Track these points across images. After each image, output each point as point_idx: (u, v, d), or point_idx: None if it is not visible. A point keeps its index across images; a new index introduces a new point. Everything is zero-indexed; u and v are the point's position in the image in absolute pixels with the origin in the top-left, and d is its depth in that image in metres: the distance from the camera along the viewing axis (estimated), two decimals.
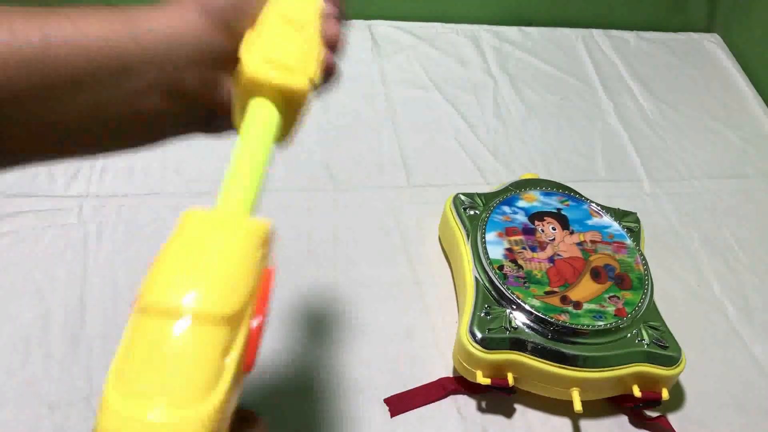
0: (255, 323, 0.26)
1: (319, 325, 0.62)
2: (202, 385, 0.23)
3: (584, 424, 0.59)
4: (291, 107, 0.35)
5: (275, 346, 0.60)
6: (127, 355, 0.24)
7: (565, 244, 0.63)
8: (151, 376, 0.23)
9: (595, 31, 1.02)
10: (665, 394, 0.56)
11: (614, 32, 1.02)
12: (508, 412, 0.59)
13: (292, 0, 0.36)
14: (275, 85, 0.33)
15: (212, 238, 0.27)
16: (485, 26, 0.99)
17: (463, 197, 0.67)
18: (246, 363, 0.25)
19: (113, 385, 0.23)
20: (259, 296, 0.26)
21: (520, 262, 0.61)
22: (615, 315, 0.58)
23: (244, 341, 0.25)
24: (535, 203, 0.66)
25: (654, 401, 0.57)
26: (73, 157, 0.32)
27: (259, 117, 0.33)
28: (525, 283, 0.59)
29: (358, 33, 0.93)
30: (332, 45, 0.38)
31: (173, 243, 0.26)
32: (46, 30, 0.27)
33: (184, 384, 0.23)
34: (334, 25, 0.38)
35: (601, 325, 0.57)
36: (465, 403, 0.59)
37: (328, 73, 0.37)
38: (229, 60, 0.33)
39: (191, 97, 0.33)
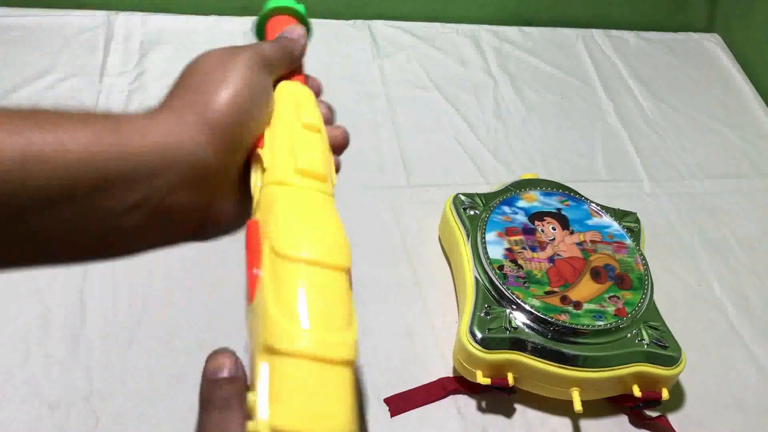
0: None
1: None
2: (347, 314, 0.27)
3: (584, 424, 0.59)
4: None
5: None
6: (283, 291, 0.27)
7: (565, 244, 0.63)
8: (311, 308, 0.27)
9: (595, 31, 1.02)
10: (665, 394, 0.56)
11: (614, 32, 1.02)
12: (508, 412, 0.59)
13: (302, 103, 0.36)
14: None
15: (317, 205, 0.32)
16: (485, 26, 0.99)
17: (463, 197, 0.67)
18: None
19: (278, 312, 0.26)
20: None
21: (520, 262, 0.61)
22: (615, 315, 0.58)
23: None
24: (535, 203, 0.66)
25: (654, 401, 0.57)
26: (50, 266, 0.30)
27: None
28: (525, 283, 0.59)
29: (358, 33, 0.93)
30: (337, 148, 0.37)
31: (285, 203, 0.31)
32: (27, 144, 0.25)
33: (336, 313, 0.27)
34: (336, 128, 0.37)
35: (601, 325, 0.57)
36: (465, 403, 0.58)
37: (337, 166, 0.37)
38: (226, 179, 0.30)
39: (180, 217, 0.29)
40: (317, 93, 0.39)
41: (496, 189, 0.69)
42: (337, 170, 0.38)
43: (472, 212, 0.65)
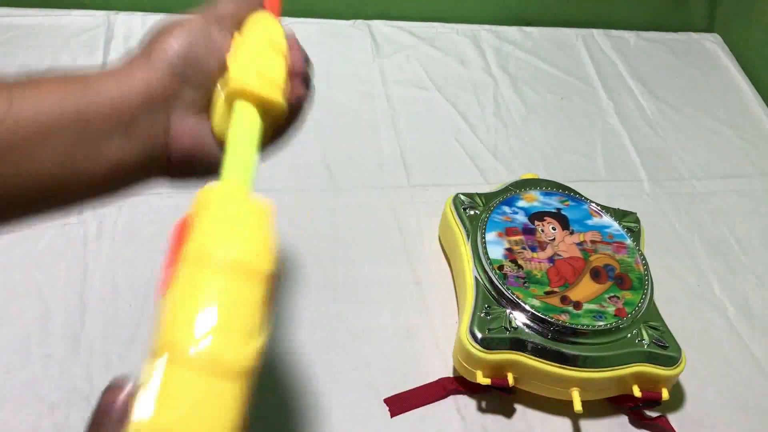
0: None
1: (318, 325, 0.62)
2: (255, 322, 0.27)
3: (584, 424, 0.59)
4: (267, 121, 0.38)
5: (275, 346, 0.60)
6: (189, 294, 0.27)
7: (565, 244, 0.63)
8: (214, 314, 0.26)
9: (595, 31, 1.02)
10: (665, 394, 0.56)
11: (614, 32, 1.02)
12: (508, 412, 0.59)
13: (273, 26, 0.39)
14: (261, 96, 0.36)
15: (239, 210, 0.31)
16: (485, 26, 0.99)
17: (463, 197, 0.67)
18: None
19: (177, 316, 0.26)
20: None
21: (520, 262, 0.61)
22: (615, 315, 0.58)
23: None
24: (535, 203, 0.66)
25: (654, 401, 0.57)
26: (47, 214, 0.35)
27: (247, 115, 0.36)
28: (525, 283, 0.59)
29: (358, 33, 0.93)
30: (299, 76, 0.40)
31: (207, 214, 0.30)
32: (10, 94, 0.31)
33: (240, 320, 0.27)
34: (299, 58, 0.41)
35: (601, 325, 0.57)
36: (465, 403, 0.59)
37: (298, 102, 0.40)
38: (175, 98, 0.36)
39: (145, 137, 0.35)
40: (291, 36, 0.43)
41: (496, 189, 0.69)
42: (301, 100, 0.40)
43: (472, 212, 0.65)
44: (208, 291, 0.27)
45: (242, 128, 0.36)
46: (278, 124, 0.39)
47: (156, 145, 0.36)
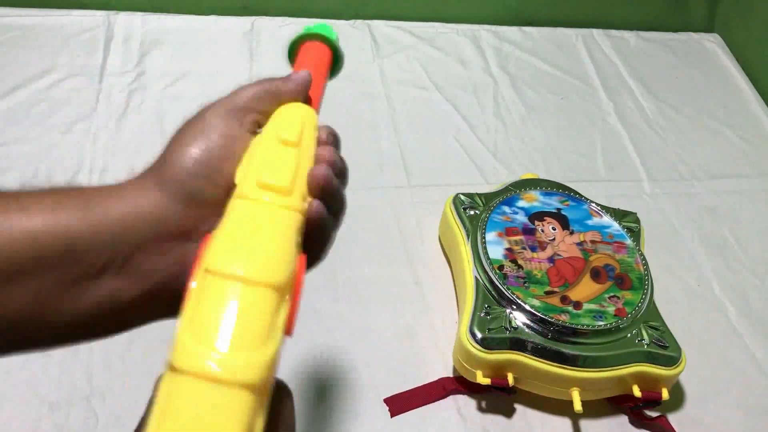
0: (296, 300, 0.29)
1: (318, 326, 0.62)
2: (260, 336, 0.26)
3: (584, 424, 0.59)
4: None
5: None
6: (198, 306, 0.27)
7: (565, 244, 0.63)
8: (217, 324, 0.26)
9: (595, 31, 1.02)
10: (665, 394, 0.56)
11: (614, 32, 1.02)
12: (508, 412, 0.59)
13: (287, 121, 0.36)
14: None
15: (263, 220, 0.31)
16: (485, 26, 0.99)
17: (463, 197, 0.67)
18: (287, 327, 0.28)
19: (185, 328, 0.26)
20: (298, 274, 0.30)
21: (520, 262, 0.61)
22: (615, 315, 0.58)
23: (288, 309, 0.29)
24: (535, 203, 0.66)
25: (654, 401, 0.57)
26: (26, 351, 0.29)
27: None
28: (525, 283, 0.59)
29: (358, 33, 0.94)
30: (324, 163, 0.35)
31: (231, 219, 0.30)
32: None
33: (245, 333, 0.26)
34: (325, 149, 0.36)
35: (601, 325, 0.57)
36: (465, 403, 0.59)
37: (323, 190, 0.34)
38: (194, 231, 0.31)
39: (149, 275, 0.30)
40: (332, 138, 0.39)
41: (496, 189, 0.69)
42: (329, 189, 0.35)
43: (472, 212, 0.65)
44: (215, 302, 0.27)
45: None
46: (306, 234, 0.34)
47: (161, 283, 0.30)
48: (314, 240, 0.34)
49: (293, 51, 0.43)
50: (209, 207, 0.31)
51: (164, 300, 0.31)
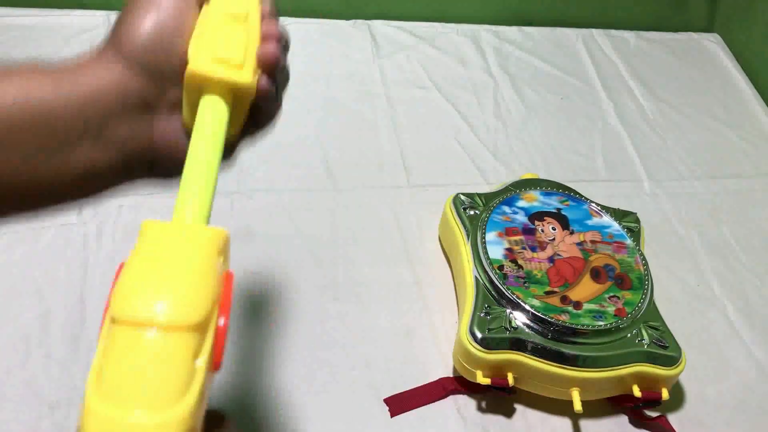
0: (222, 323, 0.27)
1: (318, 325, 0.62)
2: (177, 388, 0.25)
3: (584, 424, 0.59)
4: (240, 102, 0.35)
5: (275, 346, 0.60)
6: (105, 362, 0.25)
7: (565, 244, 0.63)
8: (128, 382, 0.24)
9: (595, 31, 1.02)
10: (665, 394, 0.56)
11: (614, 32, 1.02)
12: (508, 412, 0.59)
13: None
14: (223, 81, 0.33)
15: (174, 249, 0.28)
16: (485, 26, 0.99)
17: (463, 197, 0.67)
18: (214, 363, 0.27)
19: (94, 390, 0.24)
20: (223, 299, 0.28)
21: (520, 262, 0.61)
22: (615, 315, 0.58)
23: (212, 344, 0.27)
24: (535, 203, 0.66)
25: (654, 401, 0.57)
26: (13, 216, 0.32)
27: (209, 116, 0.34)
28: (525, 283, 0.59)
29: (358, 33, 0.93)
30: (272, 39, 0.36)
31: (138, 255, 0.28)
32: None
33: (161, 388, 0.24)
34: (271, 23, 0.37)
35: (601, 325, 0.57)
36: (465, 403, 0.59)
37: (272, 66, 0.35)
38: (157, 103, 0.33)
39: (122, 144, 0.32)
40: (274, 10, 0.39)
41: (496, 189, 0.69)
42: (275, 63, 0.36)
43: (472, 212, 0.65)
44: (121, 358, 0.25)
45: (204, 130, 0.33)
46: (253, 107, 0.36)
47: (135, 151, 0.33)
48: (263, 113, 0.36)
49: None
50: (167, 79, 0.33)
51: (140, 165, 0.34)
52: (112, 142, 0.32)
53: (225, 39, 0.34)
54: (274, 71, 0.36)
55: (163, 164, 0.35)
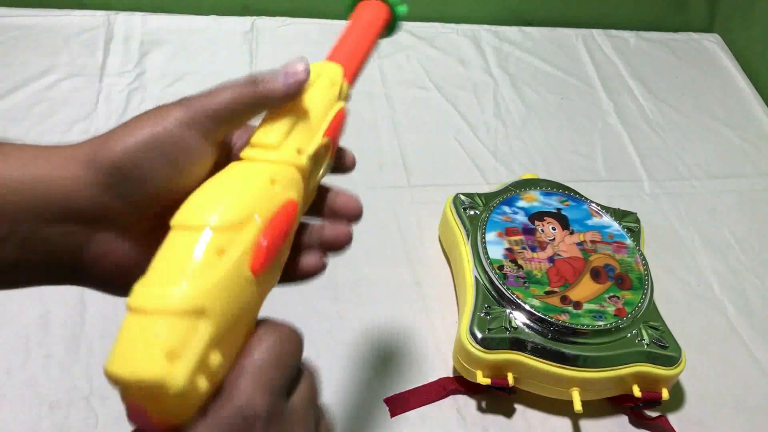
0: (264, 242, 0.29)
1: (318, 325, 0.62)
2: (188, 269, 0.27)
3: (584, 424, 0.59)
4: None
5: None
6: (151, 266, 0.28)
7: (565, 244, 0.63)
8: (152, 268, 0.27)
9: (595, 31, 1.02)
10: (665, 394, 0.56)
11: (614, 32, 1.02)
12: (508, 412, 0.59)
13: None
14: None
15: (242, 171, 0.32)
16: (485, 26, 0.99)
17: (463, 197, 0.67)
18: (253, 267, 0.29)
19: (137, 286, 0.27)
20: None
21: (520, 262, 0.61)
22: (615, 315, 0.58)
23: (245, 246, 0.28)
24: (535, 203, 0.66)
25: (654, 401, 0.57)
26: None
27: None
28: (525, 283, 0.59)
29: None
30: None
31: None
32: None
33: (171, 269, 0.27)
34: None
35: (601, 325, 0.57)
36: (465, 403, 0.59)
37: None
38: (112, 221, 0.29)
39: (51, 252, 0.29)
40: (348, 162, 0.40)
41: (496, 189, 0.69)
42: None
43: (472, 212, 0.65)
44: (157, 251, 0.28)
45: None
46: None
47: (63, 261, 0.29)
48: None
49: (350, 7, 0.44)
50: (125, 205, 0.29)
51: (64, 271, 0.30)
52: (40, 248, 0.28)
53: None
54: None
55: (85, 276, 0.31)
